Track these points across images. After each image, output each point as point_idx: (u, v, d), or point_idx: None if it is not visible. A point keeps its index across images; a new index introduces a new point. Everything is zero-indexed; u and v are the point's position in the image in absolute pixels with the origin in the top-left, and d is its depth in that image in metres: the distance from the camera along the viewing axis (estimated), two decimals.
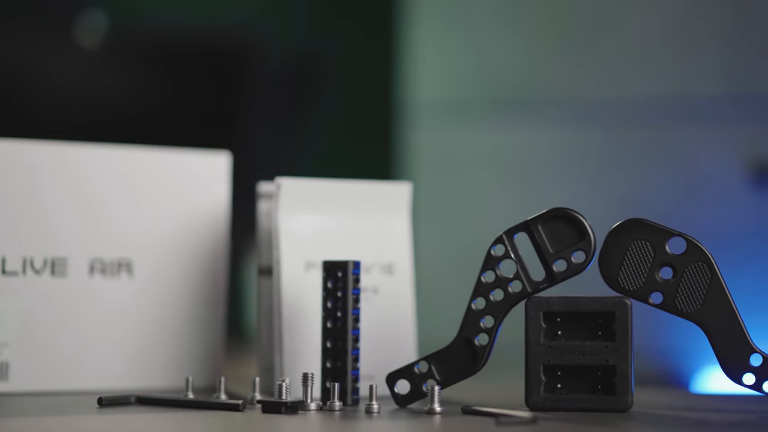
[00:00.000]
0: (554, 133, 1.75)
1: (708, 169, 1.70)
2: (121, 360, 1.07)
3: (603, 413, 0.88)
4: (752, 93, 1.70)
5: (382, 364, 0.98)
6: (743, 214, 1.68)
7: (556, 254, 0.90)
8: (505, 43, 1.78)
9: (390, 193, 1.06)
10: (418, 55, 1.80)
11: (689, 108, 1.72)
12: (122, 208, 1.07)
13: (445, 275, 1.72)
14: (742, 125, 1.70)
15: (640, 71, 1.73)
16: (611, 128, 1.73)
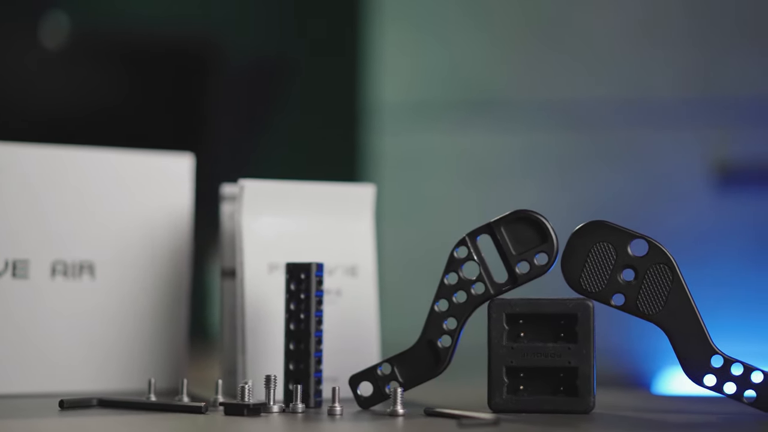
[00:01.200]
0: (519, 136, 1.76)
1: (671, 171, 1.71)
2: (83, 362, 1.06)
3: (565, 415, 0.88)
4: (715, 95, 1.71)
5: (345, 366, 0.98)
6: (705, 216, 1.69)
7: (518, 256, 0.90)
8: (471, 46, 1.78)
9: (353, 195, 1.06)
10: (384, 57, 1.80)
11: (652, 110, 1.72)
12: (85, 209, 1.07)
13: (409, 277, 1.72)
14: (704, 127, 1.71)
15: (604, 74, 1.74)
16: (575, 130, 1.74)
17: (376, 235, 1.09)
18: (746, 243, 1.67)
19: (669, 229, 1.67)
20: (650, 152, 1.72)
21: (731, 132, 1.70)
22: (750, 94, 1.70)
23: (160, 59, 2.26)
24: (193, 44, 2.28)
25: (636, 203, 1.70)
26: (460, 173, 1.77)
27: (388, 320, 1.12)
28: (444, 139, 1.78)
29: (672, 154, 1.71)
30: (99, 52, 2.25)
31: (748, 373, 0.88)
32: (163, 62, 2.26)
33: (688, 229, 1.68)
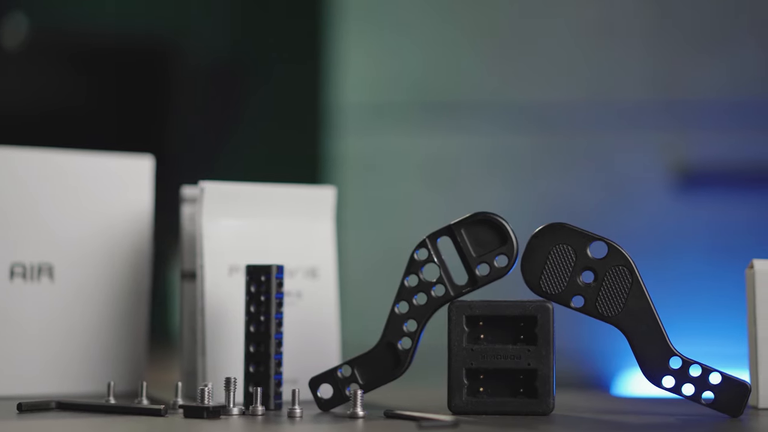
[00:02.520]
0: (480, 138, 1.76)
1: (631, 174, 1.71)
2: (41, 365, 1.05)
3: (525, 416, 0.88)
4: (674, 97, 1.72)
5: (306, 368, 0.98)
6: (666, 218, 1.70)
7: (478, 258, 0.90)
8: (434, 48, 1.79)
9: (314, 197, 1.06)
10: (347, 60, 1.80)
11: (614, 113, 1.73)
12: (44, 211, 1.06)
13: (371, 279, 1.72)
14: (665, 130, 1.72)
15: (565, 77, 1.75)
16: (537, 133, 1.75)
17: (338, 237, 1.09)
18: (705, 245, 1.68)
19: (630, 231, 1.68)
20: (611, 155, 1.72)
21: (691, 134, 1.71)
22: (710, 97, 1.71)
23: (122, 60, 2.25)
24: (155, 45, 2.27)
25: (597, 205, 1.71)
26: (422, 175, 1.77)
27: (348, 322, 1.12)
28: (406, 141, 1.78)
29: (633, 156, 1.72)
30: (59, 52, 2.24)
31: (707, 374, 0.88)
32: (124, 63, 2.26)
33: (648, 231, 1.69)
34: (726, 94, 1.71)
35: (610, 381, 1.64)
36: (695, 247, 1.68)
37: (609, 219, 1.70)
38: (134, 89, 2.26)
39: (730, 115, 1.70)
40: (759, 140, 1.69)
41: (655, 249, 1.68)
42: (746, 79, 1.70)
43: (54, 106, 2.21)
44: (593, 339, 1.65)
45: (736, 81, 1.71)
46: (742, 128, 1.70)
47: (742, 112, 1.70)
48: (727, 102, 1.71)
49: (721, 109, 1.71)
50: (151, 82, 2.26)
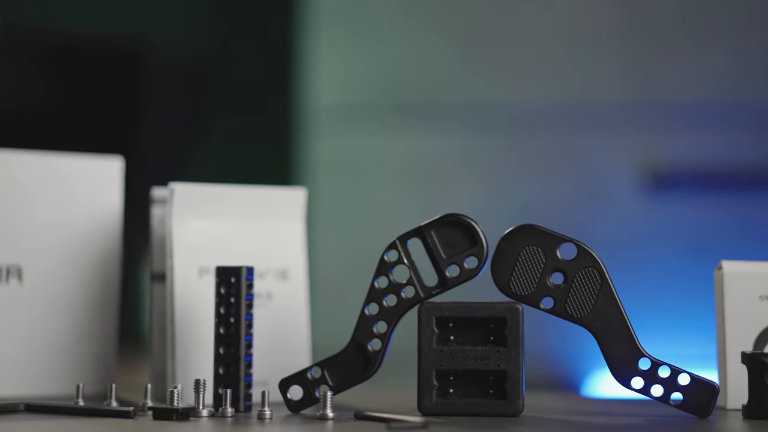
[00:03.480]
0: (452, 140, 1.76)
1: (603, 175, 1.72)
2: (10, 367, 1.05)
3: (494, 417, 0.88)
4: (647, 100, 1.73)
5: (276, 370, 0.98)
6: (637, 220, 1.70)
7: (448, 260, 0.90)
8: (405, 49, 1.79)
9: (284, 198, 1.06)
10: (318, 61, 1.80)
11: (585, 115, 1.74)
12: (12, 212, 1.06)
13: (341, 280, 1.72)
14: (636, 132, 1.72)
15: (537, 79, 1.75)
16: (509, 134, 1.75)
17: (309, 238, 1.09)
18: (676, 246, 1.69)
19: (601, 233, 1.69)
20: (583, 156, 1.73)
21: (663, 136, 1.72)
22: (681, 100, 1.72)
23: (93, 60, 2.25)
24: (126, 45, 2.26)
25: (569, 207, 1.71)
26: (393, 176, 1.77)
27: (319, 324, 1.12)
28: (378, 142, 1.78)
29: (604, 158, 1.72)
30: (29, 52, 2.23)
31: (675, 375, 0.88)
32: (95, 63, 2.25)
33: (619, 233, 1.69)
34: (697, 96, 1.72)
35: (580, 382, 1.65)
36: (666, 249, 1.69)
37: (581, 220, 1.70)
38: (105, 90, 2.25)
39: (701, 117, 1.71)
40: (729, 142, 1.70)
41: (626, 250, 1.69)
42: (717, 82, 1.71)
43: (23, 106, 2.20)
44: (563, 340, 1.65)
45: (707, 83, 1.71)
46: (713, 130, 1.71)
47: (714, 115, 1.71)
48: (698, 104, 1.72)
49: (692, 111, 1.71)
50: (122, 82, 2.25)
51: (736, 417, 0.91)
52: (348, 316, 1.00)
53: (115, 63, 2.25)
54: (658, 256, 1.69)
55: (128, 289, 1.19)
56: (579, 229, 1.65)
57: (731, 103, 1.71)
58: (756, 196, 1.68)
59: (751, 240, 1.67)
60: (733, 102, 1.71)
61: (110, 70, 2.25)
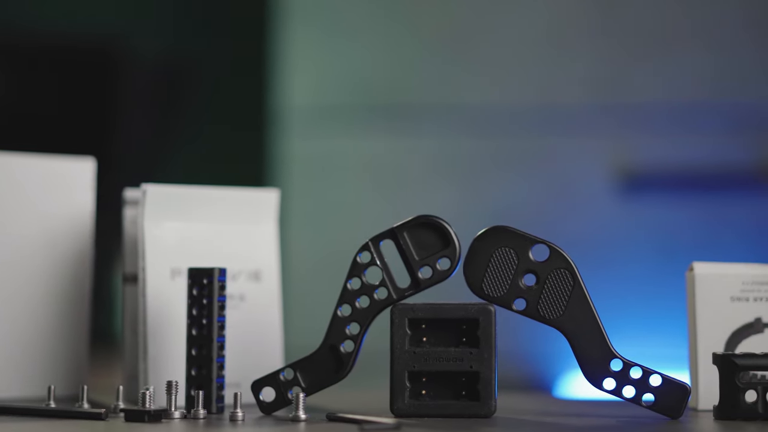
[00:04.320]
0: (426, 141, 1.76)
1: (576, 177, 1.72)
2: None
3: (467, 419, 0.88)
4: (620, 102, 1.73)
5: (249, 371, 0.98)
6: (610, 222, 1.71)
7: (421, 261, 0.91)
8: (380, 51, 1.79)
9: (257, 199, 1.06)
10: (293, 61, 1.80)
11: (558, 117, 1.74)
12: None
13: (315, 282, 1.72)
14: (609, 134, 1.73)
15: (510, 79, 1.75)
16: (482, 136, 1.75)
17: (282, 239, 1.09)
18: (648, 247, 1.69)
19: (573, 234, 1.69)
20: (556, 158, 1.73)
21: (635, 138, 1.72)
22: (653, 102, 1.73)
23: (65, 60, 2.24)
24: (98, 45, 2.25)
25: (542, 209, 1.72)
26: (367, 178, 1.77)
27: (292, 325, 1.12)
28: (352, 143, 1.78)
29: (577, 160, 1.73)
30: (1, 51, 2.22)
31: (647, 376, 0.89)
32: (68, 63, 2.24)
33: (592, 234, 1.70)
34: (669, 97, 1.72)
35: (553, 383, 1.65)
36: (638, 250, 1.69)
37: (553, 222, 1.70)
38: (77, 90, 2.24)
39: (674, 119, 1.72)
40: (702, 144, 1.70)
41: (599, 252, 1.69)
42: (689, 83, 1.72)
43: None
44: (535, 341, 1.65)
45: (679, 85, 1.72)
46: (686, 132, 1.71)
47: (686, 116, 1.71)
48: (671, 106, 1.72)
49: (665, 113, 1.72)
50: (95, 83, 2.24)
51: (708, 418, 0.91)
52: (321, 317, 0.99)
53: (87, 63, 2.25)
54: (630, 258, 1.69)
55: (101, 290, 1.19)
56: (552, 231, 1.65)
57: (704, 105, 1.72)
58: (728, 198, 1.69)
59: (723, 241, 1.67)
60: (705, 104, 1.71)
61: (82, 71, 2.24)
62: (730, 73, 1.71)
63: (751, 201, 1.68)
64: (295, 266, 1.71)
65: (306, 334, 1.12)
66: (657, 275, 1.66)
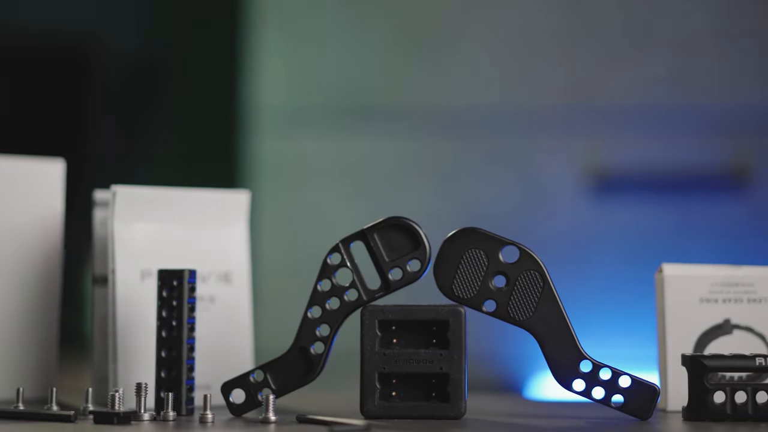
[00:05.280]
0: (398, 143, 1.76)
1: (548, 179, 1.73)
2: None
3: (437, 420, 0.89)
4: (590, 104, 1.74)
5: (219, 373, 0.98)
6: (581, 223, 1.71)
7: (391, 263, 0.91)
8: (352, 52, 1.79)
9: (228, 201, 1.06)
10: (265, 63, 1.80)
11: (530, 118, 1.74)
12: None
13: (286, 284, 1.71)
14: (580, 135, 1.73)
15: (482, 82, 1.76)
16: (454, 137, 1.75)
17: (253, 241, 1.09)
18: (619, 250, 1.70)
19: (545, 236, 1.69)
20: (527, 160, 1.74)
21: (606, 141, 1.73)
22: (625, 104, 1.73)
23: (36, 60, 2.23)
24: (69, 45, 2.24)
25: (513, 210, 1.72)
26: (338, 179, 1.77)
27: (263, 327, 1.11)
28: (324, 145, 1.78)
29: (548, 161, 1.73)
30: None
31: (616, 377, 0.89)
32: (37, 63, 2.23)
33: (563, 236, 1.70)
34: (640, 100, 1.73)
35: (523, 384, 1.66)
36: (609, 252, 1.70)
37: (524, 224, 1.71)
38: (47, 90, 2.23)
39: (644, 120, 1.72)
40: (672, 146, 1.71)
41: (570, 253, 1.70)
42: (660, 86, 1.73)
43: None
44: (505, 342, 1.66)
45: (650, 87, 1.73)
46: (656, 134, 1.72)
47: (656, 118, 1.72)
48: (641, 108, 1.73)
49: (635, 114, 1.73)
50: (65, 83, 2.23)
51: (677, 419, 0.92)
52: (291, 319, 0.99)
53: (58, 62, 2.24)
54: (600, 259, 1.70)
55: (72, 292, 1.18)
56: (522, 233, 1.66)
57: (675, 108, 1.72)
58: (697, 200, 1.69)
59: (693, 243, 1.68)
60: (675, 106, 1.72)
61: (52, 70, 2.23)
62: (700, 76, 1.72)
63: (721, 203, 1.69)
64: (265, 268, 1.71)
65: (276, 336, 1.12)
66: (627, 277, 1.67)
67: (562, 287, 0.90)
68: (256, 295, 1.08)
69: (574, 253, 1.69)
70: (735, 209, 1.69)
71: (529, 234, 1.67)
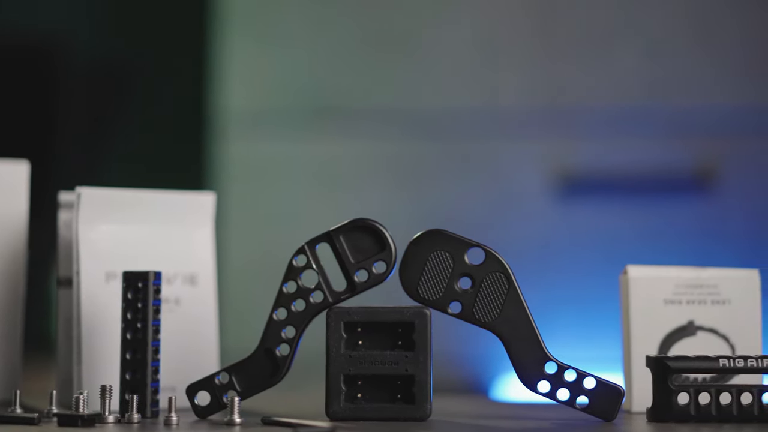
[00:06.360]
0: (365, 144, 1.76)
1: (515, 181, 1.73)
2: None
3: (402, 422, 0.89)
4: (558, 105, 1.74)
5: (184, 375, 0.98)
6: (547, 225, 1.72)
7: (357, 264, 0.91)
8: (318, 54, 1.78)
9: (193, 203, 1.05)
10: (230, 64, 1.80)
11: (498, 120, 1.75)
12: None
13: (252, 285, 1.71)
14: (547, 137, 1.74)
15: (449, 83, 1.76)
16: (422, 139, 1.75)
17: (219, 242, 1.08)
18: (585, 251, 1.70)
19: (511, 238, 1.70)
20: (494, 161, 1.74)
21: (573, 142, 1.73)
22: (591, 106, 1.74)
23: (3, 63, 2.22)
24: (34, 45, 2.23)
25: (480, 212, 1.72)
26: (305, 181, 1.77)
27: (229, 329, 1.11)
28: (290, 146, 1.78)
29: (515, 163, 1.74)
30: None
31: (581, 379, 0.89)
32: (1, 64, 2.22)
33: (530, 238, 1.71)
34: (607, 102, 1.74)
35: (488, 386, 1.66)
36: (574, 253, 1.70)
37: (491, 225, 1.71)
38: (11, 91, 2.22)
39: (611, 122, 1.73)
40: (639, 148, 1.72)
41: (536, 255, 1.70)
42: (627, 87, 1.73)
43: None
44: (471, 344, 1.66)
45: (617, 89, 1.73)
46: (623, 136, 1.73)
47: (623, 120, 1.73)
48: (608, 110, 1.73)
49: (602, 116, 1.73)
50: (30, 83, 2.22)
51: (641, 420, 0.92)
52: (257, 321, 0.99)
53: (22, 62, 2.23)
54: (566, 261, 1.70)
55: (37, 294, 1.18)
56: (489, 234, 1.66)
57: (642, 109, 1.73)
58: (663, 202, 1.70)
59: (658, 245, 1.69)
60: (641, 108, 1.73)
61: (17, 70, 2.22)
62: (667, 78, 1.72)
63: (687, 205, 1.70)
64: (231, 270, 1.70)
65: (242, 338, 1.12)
66: (592, 278, 1.68)
67: (527, 289, 0.90)
68: (221, 297, 1.08)
69: (540, 255, 1.70)
70: (700, 211, 1.69)
71: (495, 236, 1.67)
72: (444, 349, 1.19)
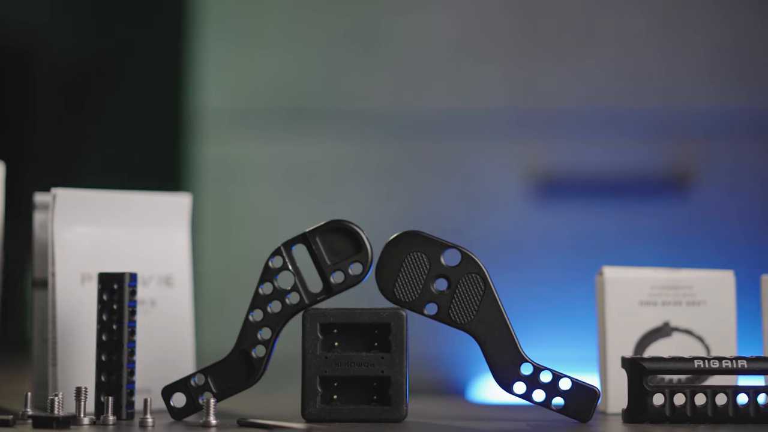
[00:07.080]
0: (341, 146, 1.76)
1: (490, 182, 1.73)
2: None
3: (378, 423, 0.89)
4: (533, 106, 1.75)
5: (160, 377, 0.98)
6: (523, 226, 1.72)
7: (333, 266, 0.91)
8: (294, 55, 1.78)
9: (169, 204, 1.05)
10: (206, 64, 1.79)
11: (472, 121, 1.75)
12: None
13: (228, 287, 1.71)
14: (522, 138, 1.74)
15: (424, 84, 1.76)
16: (398, 141, 1.76)
17: (195, 244, 1.08)
18: (561, 253, 1.71)
19: (487, 239, 1.70)
20: (469, 162, 1.74)
21: (548, 143, 1.74)
22: (567, 107, 1.74)
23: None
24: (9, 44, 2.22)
25: (456, 213, 1.72)
26: (281, 182, 1.77)
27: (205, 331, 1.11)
28: (266, 147, 1.78)
29: (491, 164, 1.74)
30: None
31: (557, 380, 0.89)
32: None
33: (506, 239, 1.71)
34: (582, 103, 1.74)
35: (465, 387, 1.66)
36: (550, 255, 1.71)
37: (467, 227, 1.71)
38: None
39: (586, 124, 1.73)
40: (614, 149, 1.72)
41: (512, 256, 1.70)
42: (603, 89, 1.74)
43: None
44: (448, 345, 1.66)
45: (592, 90, 1.74)
46: (598, 137, 1.73)
47: (598, 121, 1.73)
48: (583, 111, 1.74)
49: (577, 117, 1.74)
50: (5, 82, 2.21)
51: (616, 421, 0.92)
52: (232, 322, 0.99)
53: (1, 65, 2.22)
54: (542, 262, 1.71)
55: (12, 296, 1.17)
56: (465, 235, 1.66)
57: (616, 110, 1.73)
58: (638, 203, 1.71)
59: (635, 246, 1.69)
60: (617, 109, 1.73)
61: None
62: (643, 79, 1.73)
63: (663, 207, 1.70)
64: (207, 271, 1.70)
65: (217, 339, 1.12)
66: (568, 279, 1.68)
67: (503, 290, 0.91)
68: (197, 298, 1.08)
69: (516, 256, 1.70)
70: (676, 213, 1.70)
71: (471, 237, 1.67)
72: (420, 350, 1.19)
